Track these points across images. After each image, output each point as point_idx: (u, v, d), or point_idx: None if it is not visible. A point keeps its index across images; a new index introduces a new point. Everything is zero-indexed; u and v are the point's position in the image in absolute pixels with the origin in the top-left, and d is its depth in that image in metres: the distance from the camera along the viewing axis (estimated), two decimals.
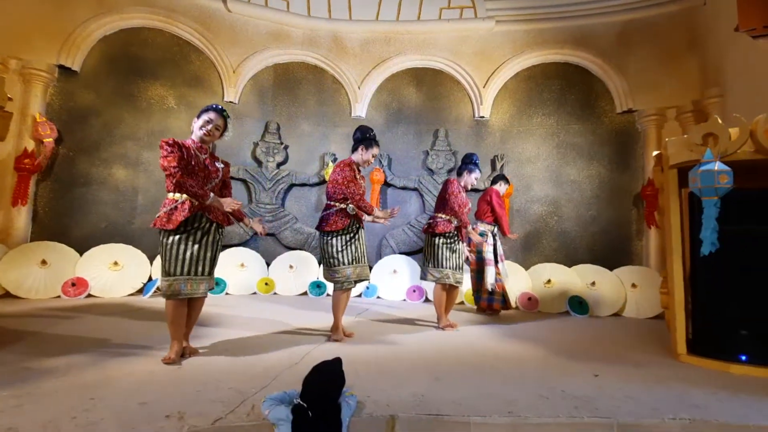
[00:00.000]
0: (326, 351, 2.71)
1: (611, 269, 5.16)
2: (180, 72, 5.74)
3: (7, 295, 4.32)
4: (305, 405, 1.52)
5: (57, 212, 5.02)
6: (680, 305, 2.90)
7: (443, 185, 3.72)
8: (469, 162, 3.77)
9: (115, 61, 5.40)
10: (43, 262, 4.50)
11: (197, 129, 2.47)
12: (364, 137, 3.16)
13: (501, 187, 4.71)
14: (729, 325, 2.71)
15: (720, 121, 2.67)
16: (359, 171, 3.19)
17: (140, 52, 5.54)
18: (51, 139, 4.86)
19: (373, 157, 3.17)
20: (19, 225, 4.71)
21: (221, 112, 2.52)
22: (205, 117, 2.47)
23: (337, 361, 1.74)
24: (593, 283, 5.01)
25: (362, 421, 1.69)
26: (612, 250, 5.59)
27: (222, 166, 2.58)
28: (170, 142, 2.33)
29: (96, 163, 5.22)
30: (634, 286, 4.93)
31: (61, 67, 5.05)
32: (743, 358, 2.58)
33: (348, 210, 3.05)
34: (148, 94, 5.54)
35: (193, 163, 2.39)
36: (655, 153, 3.36)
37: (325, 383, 1.58)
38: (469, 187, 3.78)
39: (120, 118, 5.38)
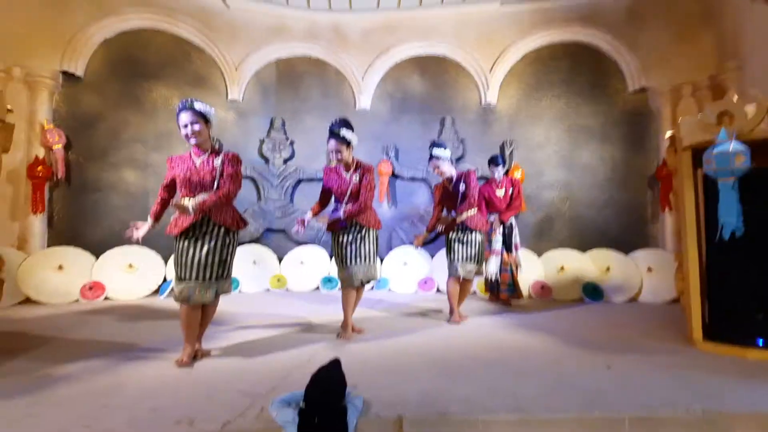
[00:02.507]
0: (335, 349, 2.72)
1: (626, 253, 5.05)
2: (183, 72, 5.74)
3: (28, 301, 4.45)
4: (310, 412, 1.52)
5: (71, 218, 5.12)
6: (696, 290, 2.81)
7: None
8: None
9: (118, 65, 5.42)
10: (60, 267, 4.61)
11: (185, 139, 2.48)
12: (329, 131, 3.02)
13: (496, 172, 4.35)
14: (746, 309, 2.62)
15: (735, 99, 2.56)
16: (338, 167, 3.10)
17: (142, 54, 5.54)
18: (60, 146, 4.93)
19: (332, 152, 2.98)
20: (36, 232, 4.81)
21: (189, 108, 2.41)
22: (181, 125, 2.44)
23: (335, 366, 1.72)
24: (608, 269, 4.92)
25: (369, 422, 1.69)
26: (627, 234, 5.46)
27: (220, 161, 2.46)
28: (167, 160, 2.58)
29: (105, 168, 5.29)
30: (649, 270, 4.81)
31: (65, 73, 5.07)
32: (760, 342, 2.50)
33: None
34: (152, 95, 5.57)
35: (189, 173, 2.45)
36: (668, 134, 3.24)
37: (325, 393, 1.57)
38: (437, 173, 3.61)
39: (126, 122, 5.42)
